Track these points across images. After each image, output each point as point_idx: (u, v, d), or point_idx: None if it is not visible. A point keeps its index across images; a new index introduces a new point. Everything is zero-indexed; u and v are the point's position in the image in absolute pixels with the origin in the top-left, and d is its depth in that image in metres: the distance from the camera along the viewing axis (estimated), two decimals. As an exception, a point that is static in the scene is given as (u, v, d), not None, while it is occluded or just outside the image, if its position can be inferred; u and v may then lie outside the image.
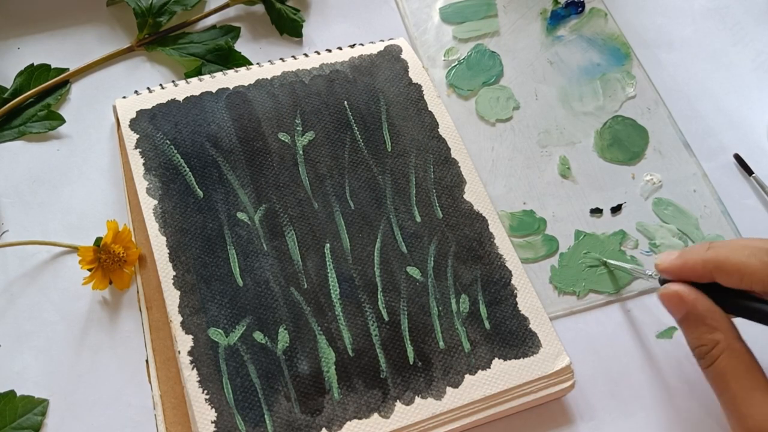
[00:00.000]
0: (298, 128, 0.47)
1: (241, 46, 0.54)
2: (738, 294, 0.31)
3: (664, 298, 0.33)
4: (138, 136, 0.46)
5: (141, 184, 0.44)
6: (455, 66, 0.55)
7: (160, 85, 0.48)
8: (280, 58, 0.51)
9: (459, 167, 0.47)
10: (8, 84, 0.50)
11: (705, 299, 0.32)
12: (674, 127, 0.53)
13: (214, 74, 0.49)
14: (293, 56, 0.51)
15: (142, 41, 0.53)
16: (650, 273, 0.40)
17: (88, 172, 0.48)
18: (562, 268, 0.46)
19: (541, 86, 0.54)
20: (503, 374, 0.40)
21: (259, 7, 0.56)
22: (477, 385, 0.40)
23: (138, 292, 0.44)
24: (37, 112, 0.49)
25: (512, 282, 0.43)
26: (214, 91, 0.48)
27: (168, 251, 0.42)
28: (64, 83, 0.51)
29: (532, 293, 0.43)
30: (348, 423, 0.38)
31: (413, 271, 0.43)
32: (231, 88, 0.48)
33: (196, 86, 0.48)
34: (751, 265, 0.30)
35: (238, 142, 0.46)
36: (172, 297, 0.40)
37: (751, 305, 0.31)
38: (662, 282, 0.36)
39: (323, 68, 0.50)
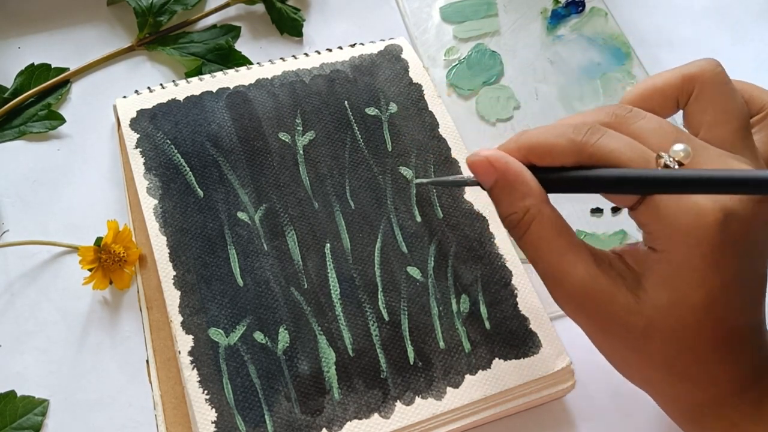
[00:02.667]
0: (298, 128, 0.47)
1: (242, 46, 0.54)
2: (554, 170, 0.31)
3: (474, 165, 0.31)
4: (138, 135, 0.46)
5: (141, 183, 0.44)
6: (455, 65, 0.55)
7: (161, 84, 0.48)
8: (281, 58, 0.51)
9: (459, 167, 0.47)
10: (8, 83, 0.50)
11: (516, 164, 0.31)
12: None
13: (215, 74, 0.49)
14: (293, 56, 0.51)
15: (143, 41, 0.53)
16: (467, 177, 0.36)
17: (89, 171, 0.48)
18: (562, 268, 0.46)
19: (541, 86, 0.54)
20: (503, 374, 0.40)
21: (260, 7, 0.56)
22: (477, 386, 0.40)
23: (138, 292, 0.44)
24: (38, 111, 0.49)
25: (513, 282, 0.43)
26: (214, 91, 0.48)
27: (168, 251, 0.42)
28: (65, 83, 0.51)
29: (532, 293, 0.43)
30: (348, 423, 0.38)
31: (413, 271, 0.43)
32: (231, 87, 0.48)
33: (196, 86, 0.48)
34: (559, 144, 0.30)
35: (239, 141, 0.46)
36: (172, 297, 0.41)
37: (567, 175, 0.30)
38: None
39: (324, 68, 0.50)
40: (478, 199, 0.46)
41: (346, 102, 0.49)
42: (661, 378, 0.31)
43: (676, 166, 0.27)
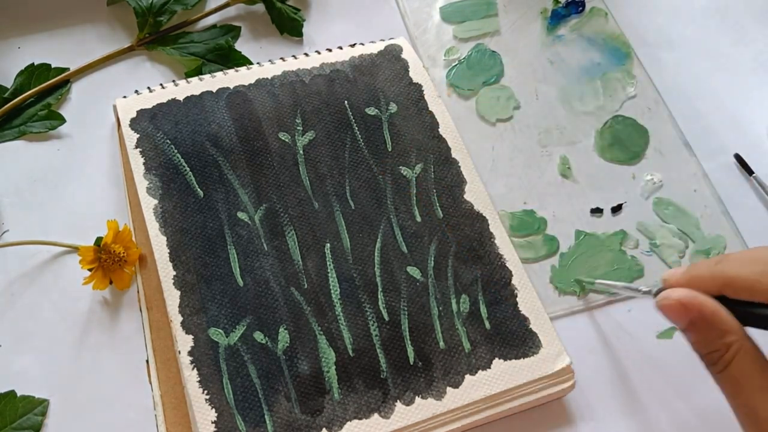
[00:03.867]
0: (298, 128, 0.47)
1: (242, 46, 0.54)
2: (748, 304, 0.30)
3: (666, 309, 0.31)
4: (138, 135, 0.46)
5: (141, 183, 0.44)
6: (455, 65, 0.55)
7: (161, 84, 0.48)
8: (281, 58, 0.51)
9: (459, 167, 0.47)
10: (9, 83, 0.50)
11: (710, 301, 0.30)
12: (675, 127, 0.53)
13: (215, 74, 0.49)
14: (293, 56, 0.51)
15: (143, 41, 0.53)
16: (644, 289, 0.38)
17: (89, 171, 0.48)
18: (562, 268, 0.46)
19: (541, 86, 0.54)
20: (504, 374, 0.40)
21: (260, 7, 0.56)
22: (477, 386, 0.40)
23: (138, 292, 0.44)
24: (38, 111, 0.49)
25: (513, 282, 0.43)
26: (214, 91, 0.48)
27: (168, 251, 0.42)
28: (65, 83, 0.51)
29: (532, 293, 0.43)
30: (348, 423, 0.38)
31: (413, 271, 0.43)
32: (231, 87, 0.48)
33: (196, 86, 0.48)
34: (764, 283, 0.29)
35: (239, 141, 0.46)
36: (172, 297, 0.40)
37: (764, 312, 0.29)
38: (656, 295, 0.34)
39: (324, 68, 0.50)
40: (478, 199, 0.46)
41: (346, 102, 0.49)
42: None
43: None
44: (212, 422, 0.37)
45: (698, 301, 0.30)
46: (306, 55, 0.51)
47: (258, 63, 0.51)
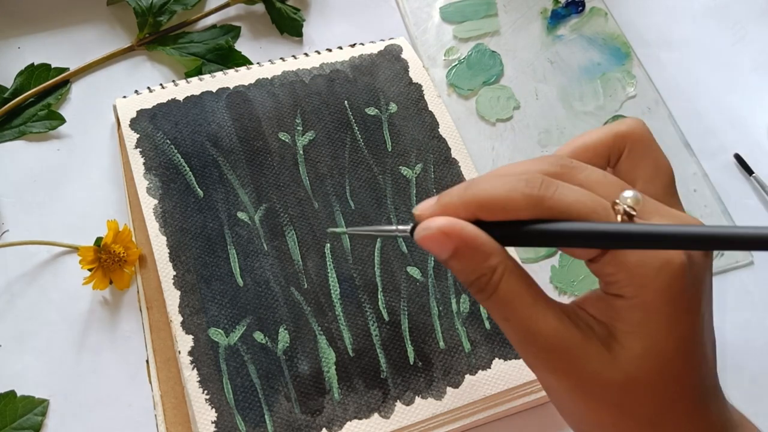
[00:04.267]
0: (298, 128, 0.47)
1: (242, 46, 0.54)
2: (503, 224, 0.29)
3: (427, 240, 0.29)
4: (138, 135, 0.46)
5: (141, 183, 0.44)
6: (455, 65, 0.55)
7: (161, 84, 0.48)
8: (281, 58, 0.51)
9: (459, 167, 0.47)
10: (8, 83, 0.50)
11: (470, 226, 0.29)
12: (674, 127, 0.53)
13: (215, 74, 0.49)
14: (293, 56, 0.51)
15: (143, 41, 0.53)
16: (400, 228, 0.33)
17: (89, 171, 0.48)
18: (562, 268, 0.46)
19: (541, 86, 0.54)
20: (504, 374, 0.40)
21: (260, 7, 0.56)
22: (477, 386, 0.40)
23: (138, 292, 0.44)
24: (38, 111, 0.49)
25: (512, 282, 0.43)
26: (214, 91, 0.48)
27: (168, 251, 0.42)
28: (65, 83, 0.51)
29: (532, 293, 0.43)
30: (348, 423, 0.38)
31: (413, 271, 0.43)
32: (231, 87, 0.48)
33: (196, 86, 0.48)
34: (514, 199, 0.28)
35: (239, 141, 0.46)
36: (172, 297, 0.41)
37: (527, 230, 0.28)
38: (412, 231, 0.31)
39: (323, 68, 0.50)
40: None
41: (346, 102, 0.49)
42: None
43: (634, 212, 0.27)
44: (212, 422, 0.37)
45: (459, 227, 0.29)
46: (306, 55, 0.51)
47: (258, 63, 0.51)
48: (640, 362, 0.27)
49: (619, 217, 0.27)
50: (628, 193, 0.27)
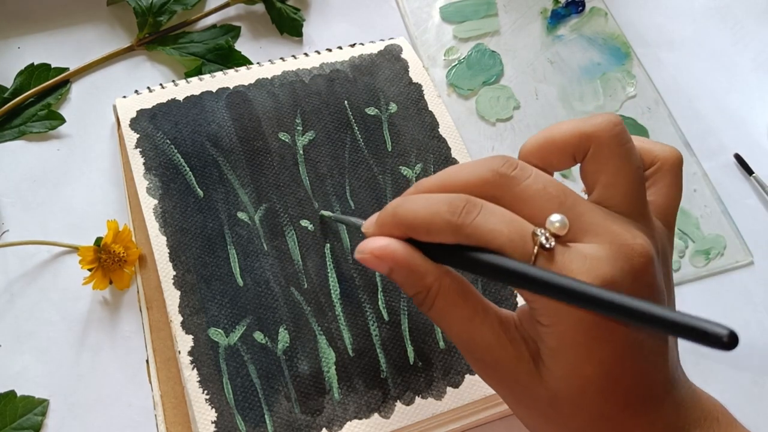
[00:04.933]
0: (298, 128, 0.47)
1: (242, 46, 0.54)
2: (437, 245, 0.29)
3: (365, 262, 0.30)
4: (138, 135, 0.46)
5: (141, 183, 0.44)
6: (455, 65, 0.55)
7: (161, 84, 0.48)
8: (281, 58, 0.51)
9: (459, 167, 0.47)
10: (8, 83, 0.50)
11: (402, 248, 0.29)
12: (674, 127, 0.53)
13: (215, 74, 0.49)
14: (293, 55, 0.51)
15: (143, 40, 0.53)
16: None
17: (89, 171, 0.48)
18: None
19: (541, 86, 0.54)
20: (503, 374, 0.40)
21: (260, 7, 0.56)
22: (477, 385, 0.40)
23: (138, 292, 0.44)
24: (38, 111, 0.49)
25: (512, 282, 0.43)
26: (214, 91, 0.48)
27: (168, 251, 0.42)
28: (65, 83, 0.51)
29: (532, 293, 0.43)
30: (348, 423, 0.38)
31: (413, 271, 0.43)
32: (231, 87, 0.48)
33: (196, 86, 0.48)
34: (435, 224, 0.28)
35: (239, 141, 0.46)
36: (172, 297, 0.41)
37: (451, 255, 0.29)
38: None
39: (323, 68, 0.50)
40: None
41: (346, 102, 0.49)
42: None
43: (552, 242, 0.27)
44: (212, 422, 0.37)
45: (390, 251, 0.29)
46: (306, 55, 0.51)
47: (258, 63, 0.51)
48: (561, 383, 0.28)
49: (535, 249, 0.27)
50: (555, 218, 0.27)
